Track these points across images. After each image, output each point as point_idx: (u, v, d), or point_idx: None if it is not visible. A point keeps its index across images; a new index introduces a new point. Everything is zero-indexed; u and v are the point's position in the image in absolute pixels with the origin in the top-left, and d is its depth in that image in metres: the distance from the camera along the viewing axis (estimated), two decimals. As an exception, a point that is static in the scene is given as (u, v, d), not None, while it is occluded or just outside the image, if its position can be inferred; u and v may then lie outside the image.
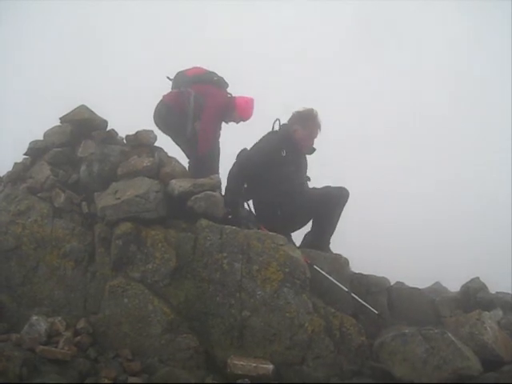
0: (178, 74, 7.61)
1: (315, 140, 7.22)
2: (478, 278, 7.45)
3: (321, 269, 6.13)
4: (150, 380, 5.34)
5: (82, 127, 7.00)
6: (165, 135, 7.57)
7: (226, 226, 6.01)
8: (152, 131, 7.00)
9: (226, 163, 7.07)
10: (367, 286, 6.63)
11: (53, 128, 7.13)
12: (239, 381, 5.24)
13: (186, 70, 7.57)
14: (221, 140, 7.58)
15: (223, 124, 7.65)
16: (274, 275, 5.74)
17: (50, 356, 5.24)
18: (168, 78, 7.66)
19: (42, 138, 7.15)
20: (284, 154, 6.81)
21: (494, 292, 7.29)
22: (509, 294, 7.38)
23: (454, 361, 5.09)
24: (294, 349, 5.56)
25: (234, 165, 6.91)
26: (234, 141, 7.55)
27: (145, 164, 6.53)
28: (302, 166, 7.20)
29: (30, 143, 7.18)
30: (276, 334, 5.60)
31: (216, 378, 5.44)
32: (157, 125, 7.51)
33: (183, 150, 7.56)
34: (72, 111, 7.12)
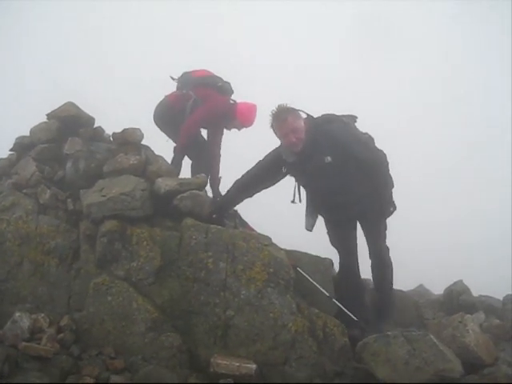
0: (183, 74, 7.66)
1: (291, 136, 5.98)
2: (461, 281, 7.52)
3: (305, 270, 6.14)
4: (133, 378, 5.34)
5: (69, 124, 6.98)
6: (162, 134, 7.75)
7: (212, 226, 6.01)
8: (139, 129, 6.98)
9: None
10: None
11: (39, 124, 7.11)
12: (222, 380, 5.23)
13: (192, 72, 7.58)
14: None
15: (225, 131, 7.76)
16: (258, 275, 5.74)
17: (33, 353, 5.22)
18: (172, 77, 7.67)
19: (28, 133, 7.13)
20: (284, 171, 6.26)
21: (476, 295, 7.36)
22: (491, 297, 7.46)
23: (435, 362, 5.11)
24: (277, 349, 5.56)
25: None
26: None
27: (131, 162, 6.52)
28: (312, 171, 6.09)
29: (17, 139, 7.17)
30: (259, 333, 5.60)
31: (199, 377, 5.45)
32: (156, 124, 7.60)
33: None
34: (59, 108, 7.10)
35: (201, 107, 7.32)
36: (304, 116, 6.16)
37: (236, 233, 6.02)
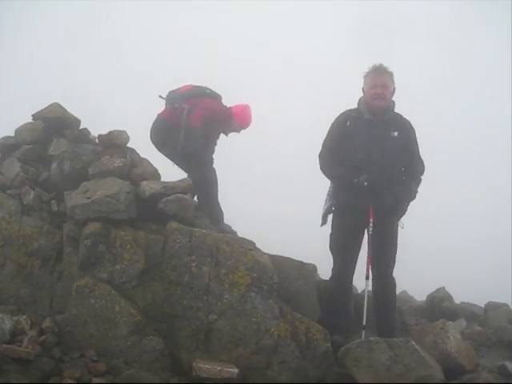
0: (169, 93, 7.55)
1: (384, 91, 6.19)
2: (443, 288, 7.58)
3: (288, 274, 6.16)
4: (115, 381, 5.33)
5: (55, 125, 6.95)
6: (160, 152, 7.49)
7: (196, 229, 6.02)
8: (125, 132, 6.98)
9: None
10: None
11: (25, 125, 7.06)
12: (204, 384, 5.25)
13: (179, 88, 7.52)
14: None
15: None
16: (241, 279, 5.74)
17: (14, 355, 5.18)
18: (160, 96, 7.60)
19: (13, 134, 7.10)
20: (348, 124, 6.23)
21: (458, 302, 7.41)
22: (473, 304, 7.52)
23: (416, 369, 5.14)
24: (260, 353, 5.57)
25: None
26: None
27: (116, 164, 6.51)
28: (379, 135, 6.16)
29: (1, 139, 7.13)
30: (242, 338, 5.60)
31: (181, 381, 5.45)
32: (154, 143, 7.41)
33: (181, 167, 7.46)
34: (45, 108, 7.06)
35: (196, 109, 7.24)
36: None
37: (220, 237, 6.02)
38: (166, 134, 7.26)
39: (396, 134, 6.20)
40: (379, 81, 6.21)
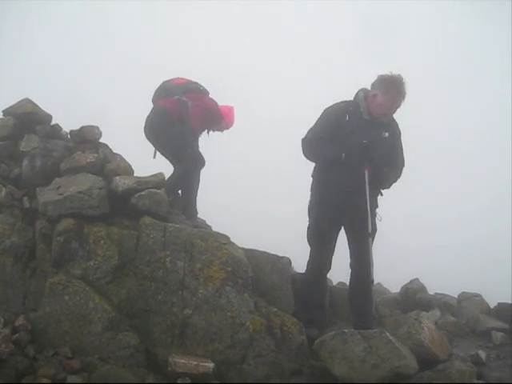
0: (164, 83, 7.40)
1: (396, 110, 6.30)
2: (417, 279, 7.64)
3: (263, 268, 6.18)
4: (90, 378, 5.28)
5: (26, 121, 6.88)
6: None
7: (170, 224, 6.00)
8: (97, 127, 6.93)
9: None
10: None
11: (-5, 121, 6.98)
12: (179, 380, 5.22)
13: (173, 79, 7.41)
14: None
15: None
16: (216, 274, 5.75)
17: (-14, 354, 5.13)
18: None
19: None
20: (347, 119, 6.18)
21: (432, 293, 7.48)
22: (447, 295, 7.60)
23: (391, 359, 5.18)
24: (235, 347, 5.58)
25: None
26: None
27: (89, 160, 6.47)
28: (373, 136, 6.21)
29: (-29, 135, 7.03)
30: (217, 332, 5.61)
31: (157, 377, 5.42)
32: (150, 131, 7.24)
33: (168, 158, 7.37)
34: (15, 104, 6.98)
35: (197, 107, 7.16)
36: None
37: (194, 231, 6.01)
38: (168, 126, 7.08)
39: (387, 134, 6.28)
40: (398, 103, 6.20)
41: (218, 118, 7.48)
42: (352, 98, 6.38)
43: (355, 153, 6.04)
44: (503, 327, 6.61)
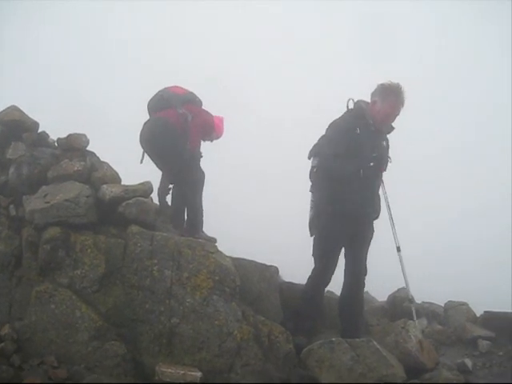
0: (162, 91, 7.29)
1: (395, 118, 6.42)
2: (404, 288, 7.64)
3: (251, 277, 6.18)
4: (76, 388, 5.26)
5: (13, 128, 6.84)
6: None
7: (157, 233, 5.99)
8: (84, 135, 6.90)
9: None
10: (297, 294, 6.70)
11: (-19, 128, 6.94)
12: (166, 389, 5.21)
13: (170, 88, 7.31)
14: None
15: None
16: (203, 283, 5.74)
17: (-29, 363, 5.09)
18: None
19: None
20: (358, 132, 6.20)
21: (419, 302, 7.50)
22: (433, 303, 7.62)
23: (378, 368, 5.21)
24: (223, 356, 5.56)
25: (316, 166, 6.39)
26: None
27: (76, 168, 6.44)
28: (379, 146, 6.38)
29: (-43, 143, 6.98)
30: (205, 341, 5.59)
31: (144, 386, 5.41)
32: (152, 142, 7.06)
33: (168, 172, 7.32)
34: (2, 111, 6.94)
35: (196, 124, 7.12)
36: None
37: (181, 240, 6.00)
38: (173, 139, 6.92)
39: (384, 143, 6.44)
40: (399, 111, 6.34)
41: (210, 131, 7.46)
42: (347, 108, 6.44)
43: (372, 167, 6.13)
44: (489, 336, 6.64)
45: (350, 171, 6.12)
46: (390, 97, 6.25)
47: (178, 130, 6.97)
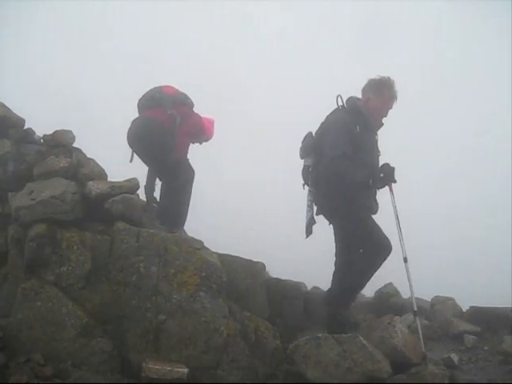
0: (154, 91, 7.13)
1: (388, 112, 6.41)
2: (391, 283, 7.69)
3: (237, 273, 6.19)
4: (63, 385, 5.24)
5: (-2, 125, 6.81)
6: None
7: (143, 230, 5.98)
8: (70, 131, 6.87)
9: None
10: (284, 290, 6.73)
11: (-34, 125, 6.90)
12: (153, 385, 5.21)
13: (162, 88, 7.16)
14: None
15: None
16: (190, 279, 5.73)
17: (-44, 362, 5.07)
18: None
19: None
20: (358, 130, 6.15)
21: (406, 297, 7.53)
22: (420, 299, 7.65)
23: (365, 363, 5.23)
24: (210, 352, 5.57)
25: (326, 164, 6.14)
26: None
27: (62, 164, 6.41)
28: (375, 142, 6.45)
29: None
30: (191, 337, 5.59)
31: (131, 382, 5.38)
32: (139, 140, 6.92)
33: (156, 169, 7.28)
34: (-13, 108, 6.92)
35: (186, 126, 7.07)
36: None
37: (168, 236, 5.99)
38: (160, 137, 6.79)
39: (377, 137, 6.48)
40: (391, 104, 6.38)
41: (200, 134, 7.42)
42: (337, 105, 6.41)
43: (382, 179, 6.16)
44: (475, 330, 6.69)
45: (361, 178, 6.09)
46: (384, 91, 6.27)
47: (165, 129, 6.85)
